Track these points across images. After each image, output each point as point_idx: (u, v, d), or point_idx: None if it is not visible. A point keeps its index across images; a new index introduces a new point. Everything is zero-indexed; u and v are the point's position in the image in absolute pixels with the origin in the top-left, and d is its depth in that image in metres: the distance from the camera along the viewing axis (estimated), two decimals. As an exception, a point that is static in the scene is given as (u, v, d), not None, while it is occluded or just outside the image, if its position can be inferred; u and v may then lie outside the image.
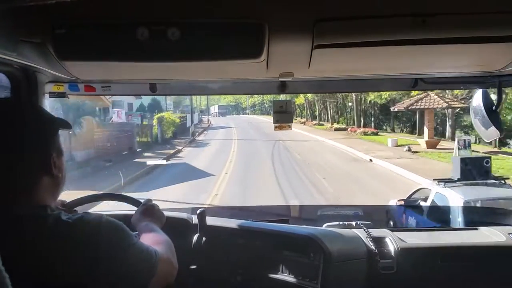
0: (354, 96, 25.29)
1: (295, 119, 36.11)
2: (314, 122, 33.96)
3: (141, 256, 0.97)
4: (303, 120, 36.98)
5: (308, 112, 37.67)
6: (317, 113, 35.54)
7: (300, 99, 33.56)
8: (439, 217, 5.73)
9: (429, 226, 5.36)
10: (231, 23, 0.97)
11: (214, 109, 56.51)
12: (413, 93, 17.60)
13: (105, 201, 1.70)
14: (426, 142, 17.13)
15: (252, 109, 61.19)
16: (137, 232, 1.18)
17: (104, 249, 0.89)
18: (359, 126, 25.64)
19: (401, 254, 1.81)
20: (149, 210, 1.29)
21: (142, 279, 0.97)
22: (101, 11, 0.97)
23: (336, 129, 26.35)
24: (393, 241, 1.86)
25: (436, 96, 17.78)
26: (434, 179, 6.41)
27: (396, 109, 21.04)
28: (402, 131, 28.46)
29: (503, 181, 5.90)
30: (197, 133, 26.10)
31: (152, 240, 1.10)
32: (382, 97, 24.76)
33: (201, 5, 0.96)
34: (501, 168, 11.24)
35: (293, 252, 1.79)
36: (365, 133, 23.04)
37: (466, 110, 17.85)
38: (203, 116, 47.60)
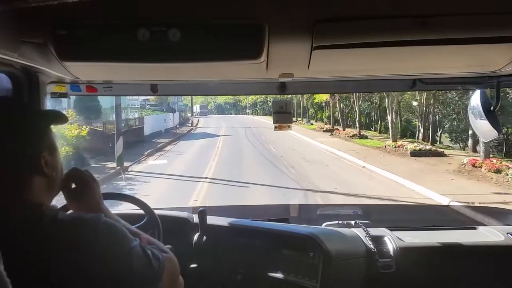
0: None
1: (311, 124, 30.52)
2: (351, 131, 21.08)
3: (141, 262, 0.91)
4: (326, 126, 24.85)
5: (334, 115, 25.43)
6: (356, 117, 21.60)
7: (323, 96, 23.42)
8: None
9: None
10: (232, 24, 0.98)
11: (196, 108, 53.92)
12: None
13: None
14: None
15: (253, 109, 56.94)
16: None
17: (101, 251, 0.86)
18: (474, 150, 13.86)
19: (400, 253, 1.82)
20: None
21: (144, 286, 0.92)
22: (102, 12, 0.97)
23: (414, 154, 14.03)
24: (392, 240, 1.87)
25: None
26: None
27: None
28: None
29: None
30: (145, 153, 15.28)
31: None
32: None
33: (201, 6, 0.97)
34: None
35: (293, 251, 1.80)
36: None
37: None
38: (194, 116, 42.86)
